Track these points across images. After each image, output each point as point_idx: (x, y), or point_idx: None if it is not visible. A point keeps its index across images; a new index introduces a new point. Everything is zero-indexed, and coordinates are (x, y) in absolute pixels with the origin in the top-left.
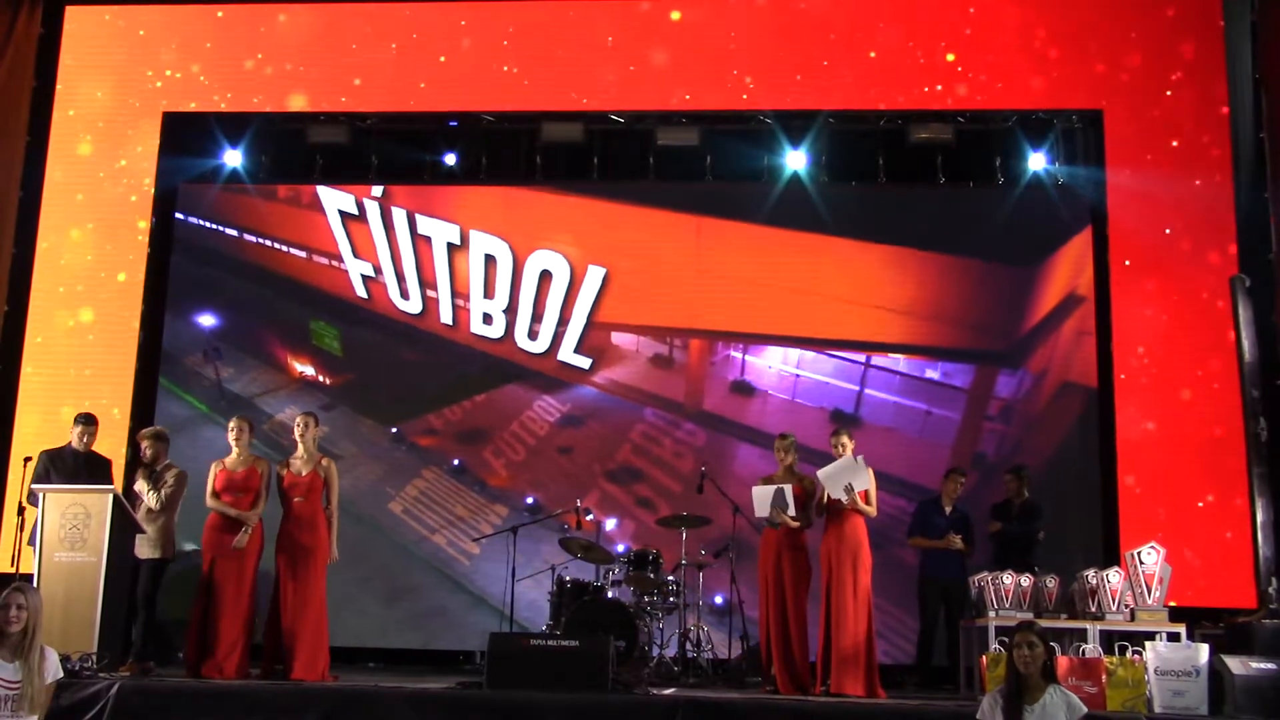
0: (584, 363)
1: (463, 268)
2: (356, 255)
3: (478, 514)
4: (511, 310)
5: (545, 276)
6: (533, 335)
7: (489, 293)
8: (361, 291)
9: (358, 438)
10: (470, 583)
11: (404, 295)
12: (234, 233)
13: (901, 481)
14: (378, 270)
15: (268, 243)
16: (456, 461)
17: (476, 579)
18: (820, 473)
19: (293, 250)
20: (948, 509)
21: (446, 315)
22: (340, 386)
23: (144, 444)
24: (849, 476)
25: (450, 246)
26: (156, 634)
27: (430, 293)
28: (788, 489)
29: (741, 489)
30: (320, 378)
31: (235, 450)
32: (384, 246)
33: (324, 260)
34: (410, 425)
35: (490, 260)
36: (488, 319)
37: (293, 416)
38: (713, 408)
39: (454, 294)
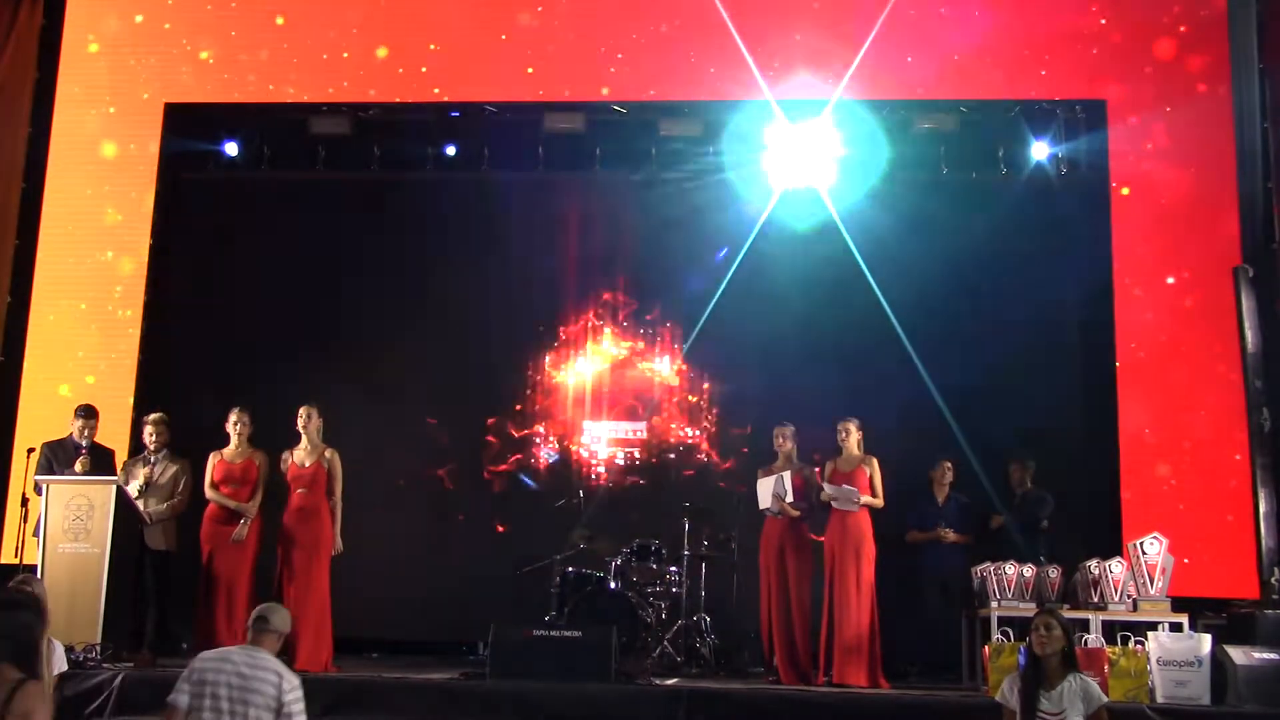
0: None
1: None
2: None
3: None
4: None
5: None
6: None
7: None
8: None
9: None
10: None
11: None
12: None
13: None
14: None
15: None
16: None
17: None
18: (823, 496)
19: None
20: (940, 499)
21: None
22: None
23: (151, 428)
24: (847, 495)
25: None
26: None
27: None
28: (786, 476)
29: None
30: None
31: (234, 442)
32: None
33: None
34: None
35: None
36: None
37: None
38: None
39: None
